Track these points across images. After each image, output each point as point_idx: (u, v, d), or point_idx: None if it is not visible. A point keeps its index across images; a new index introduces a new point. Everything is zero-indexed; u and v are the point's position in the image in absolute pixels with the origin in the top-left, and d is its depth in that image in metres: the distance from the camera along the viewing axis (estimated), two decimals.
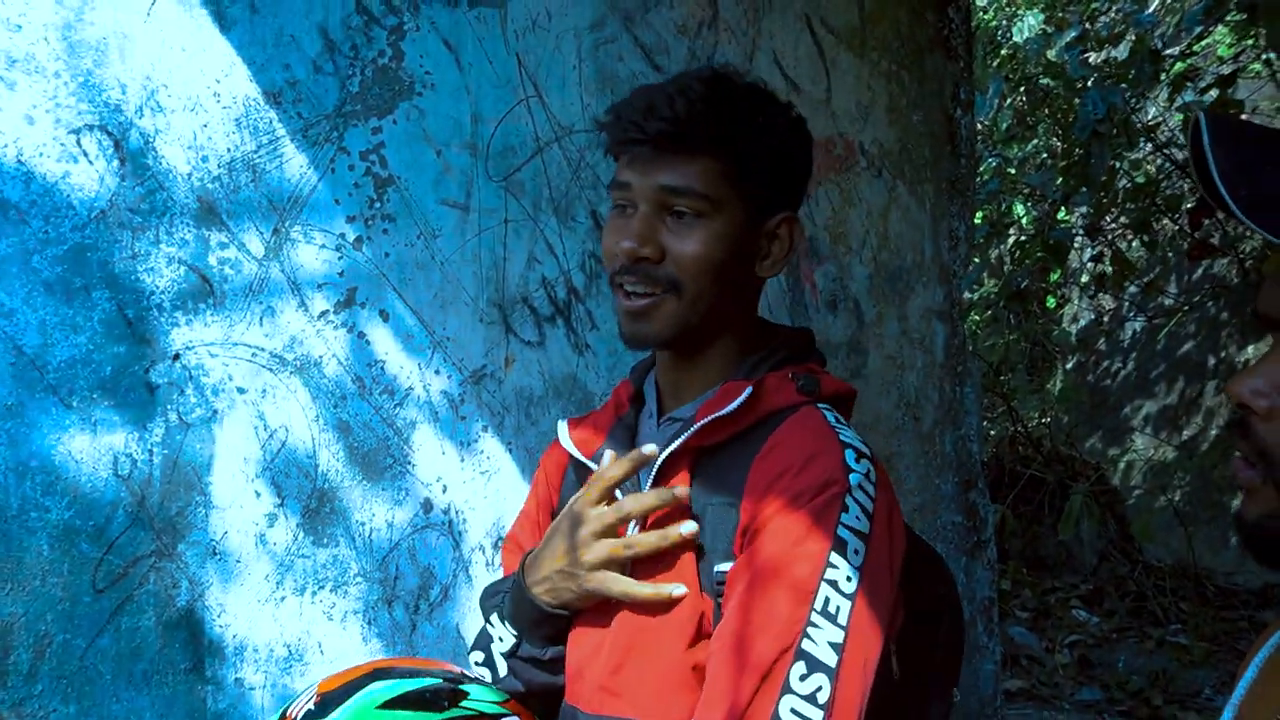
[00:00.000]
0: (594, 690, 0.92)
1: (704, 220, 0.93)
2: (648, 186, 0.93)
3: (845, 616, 0.80)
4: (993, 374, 5.31)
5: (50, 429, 1.16)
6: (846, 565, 0.82)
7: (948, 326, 2.33)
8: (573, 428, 1.07)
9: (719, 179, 0.93)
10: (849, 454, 0.88)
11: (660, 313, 0.94)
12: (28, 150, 1.14)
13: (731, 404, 0.91)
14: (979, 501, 2.38)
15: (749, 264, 0.98)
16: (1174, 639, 4.36)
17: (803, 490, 0.84)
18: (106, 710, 1.18)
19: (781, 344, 1.01)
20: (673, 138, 0.91)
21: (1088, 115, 3.16)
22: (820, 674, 0.79)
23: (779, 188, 0.99)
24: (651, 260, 0.93)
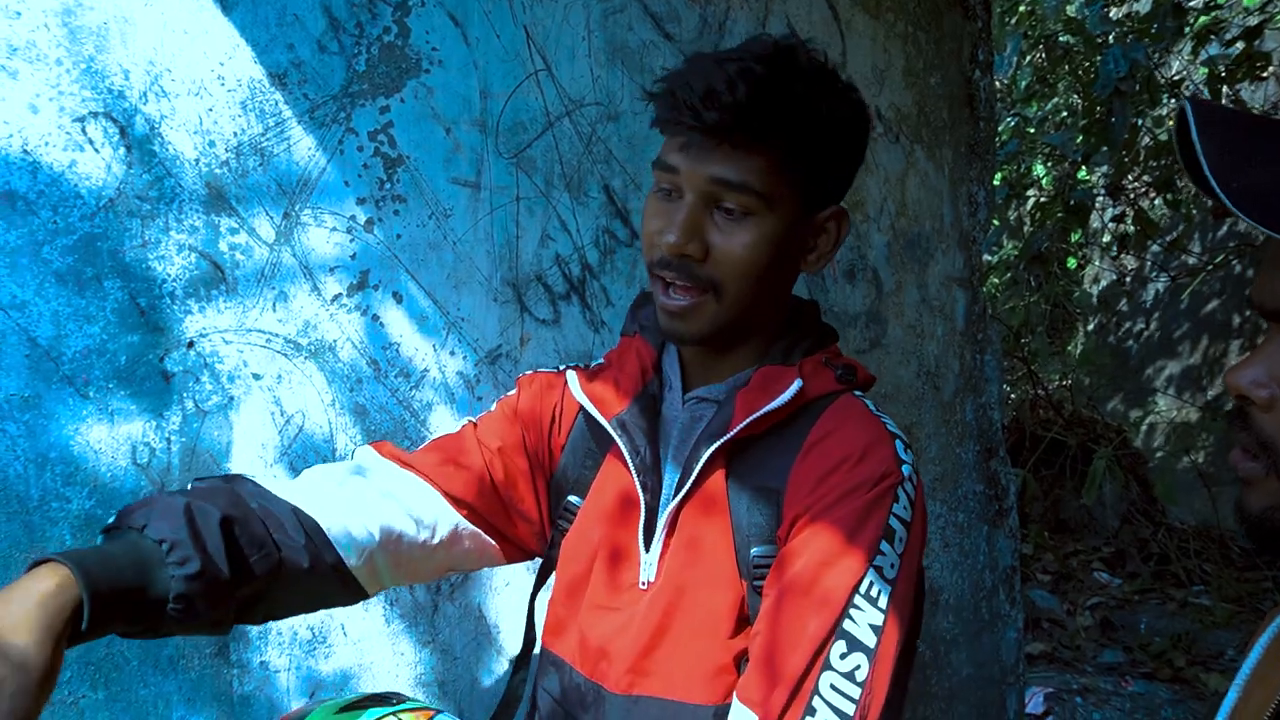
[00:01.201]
0: (622, 671, 0.92)
1: (753, 219, 0.87)
2: (698, 176, 0.87)
3: (885, 600, 0.82)
4: (1013, 337, 5.26)
5: (68, 420, 1.16)
6: (891, 552, 0.83)
7: (968, 293, 2.29)
8: (585, 381, 1.01)
9: (775, 174, 0.87)
10: (899, 445, 0.88)
11: (699, 314, 0.90)
12: (33, 140, 1.13)
13: (780, 399, 0.89)
14: (1000, 470, 2.36)
15: (794, 260, 0.94)
16: (1197, 601, 4.35)
17: (861, 481, 0.85)
18: (134, 695, 1.20)
19: (809, 326, 0.99)
20: (732, 128, 0.84)
21: (1109, 72, 3.08)
22: (860, 653, 0.80)
23: (834, 179, 0.93)
24: (694, 259, 0.88)
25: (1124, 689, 3.68)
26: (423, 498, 0.97)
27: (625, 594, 0.94)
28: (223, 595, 0.79)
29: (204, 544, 0.78)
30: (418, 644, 1.41)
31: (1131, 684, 3.70)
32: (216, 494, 0.83)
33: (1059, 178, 5.18)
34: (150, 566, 0.75)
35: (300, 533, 0.87)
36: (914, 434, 2.13)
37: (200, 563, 0.76)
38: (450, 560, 1.02)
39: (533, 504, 1.05)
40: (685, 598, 0.90)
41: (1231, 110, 0.68)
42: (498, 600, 1.49)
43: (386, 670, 1.39)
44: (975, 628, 2.28)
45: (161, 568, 0.75)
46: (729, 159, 0.85)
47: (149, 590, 0.74)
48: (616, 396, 0.99)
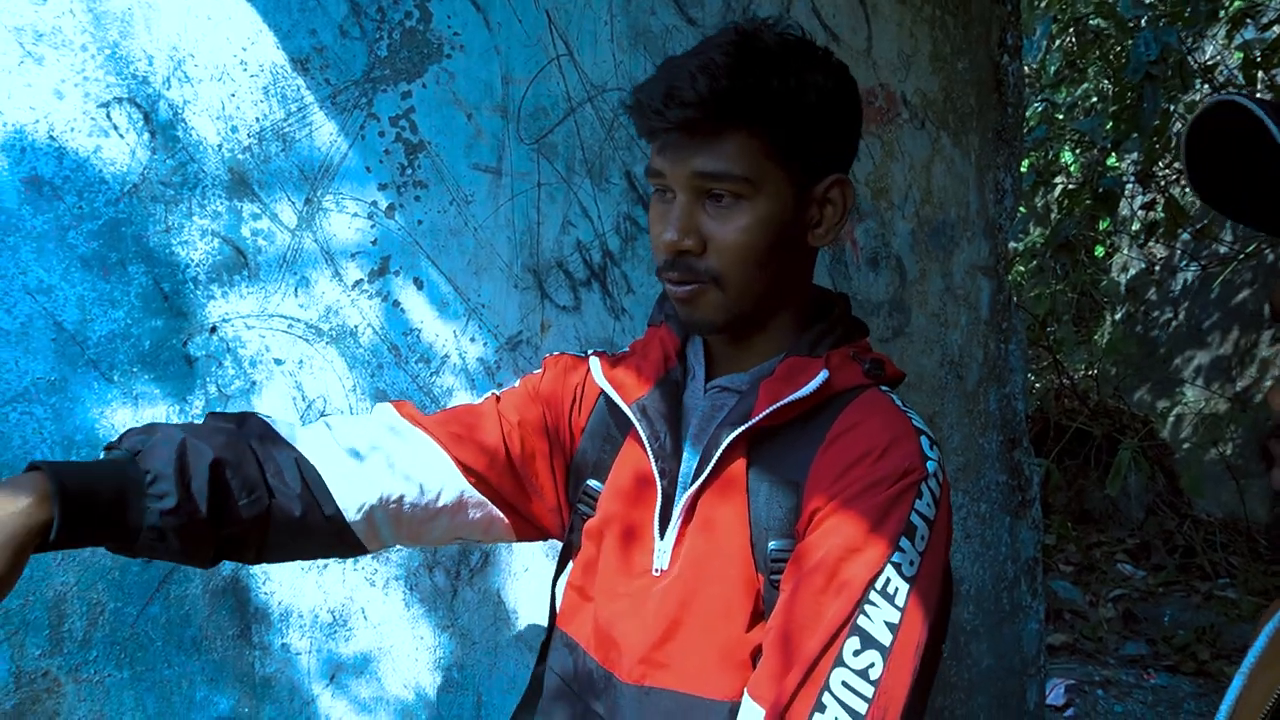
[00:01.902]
0: (634, 661, 0.91)
1: (744, 202, 0.87)
2: (681, 174, 0.88)
3: (903, 598, 0.80)
4: (1038, 326, 5.20)
5: (93, 403, 1.17)
6: (912, 550, 0.82)
7: (993, 282, 2.26)
8: (609, 370, 1.01)
9: (757, 156, 0.87)
10: (924, 441, 0.87)
11: (706, 302, 0.90)
12: (59, 125, 1.14)
13: (806, 389, 0.88)
14: (1024, 460, 2.34)
15: (800, 237, 0.92)
16: (1222, 593, 4.30)
17: (884, 476, 0.83)
18: (159, 675, 1.21)
19: (838, 319, 0.98)
20: (699, 121, 0.85)
21: (1140, 57, 3.02)
22: (874, 651, 0.79)
23: (825, 150, 0.92)
24: (693, 252, 0.89)
25: (1146, 682, 3.65)
26: (431, 461, 0.98)
27: (638, 580, 0.94)
28: (200, 533, 0.83)
29: (188, 482, 0.81)
30: (437, 628, 1.42)
31: (1154, 677, 3.67)
32: (218, 434, 0.86)
33: (1087, 164, 5.10)
34: (131, 493, 0.79)
35: (298, 481, 0.90)
36: (936, 424, 2.12)
37: (178, 499, 0.80)
38: (455, 527, 1.02)
39: (549, 483, 1.05)
40: (700, 589, 0.89)
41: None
42: (517, 585, 1.50)
43: (406, 654, 1.40)
44: (996, 618, 2.26)
45: (141, 497, 0.79)
46: (705, 150, 0.86)
47: (125, 515, 0.79)
48: (638, 382, 0.99)
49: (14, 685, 1.12)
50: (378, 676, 1.37)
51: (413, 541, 1.02)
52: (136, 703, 1.19)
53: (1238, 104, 0.65)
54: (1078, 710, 3.41)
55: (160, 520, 0.80)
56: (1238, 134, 0.68)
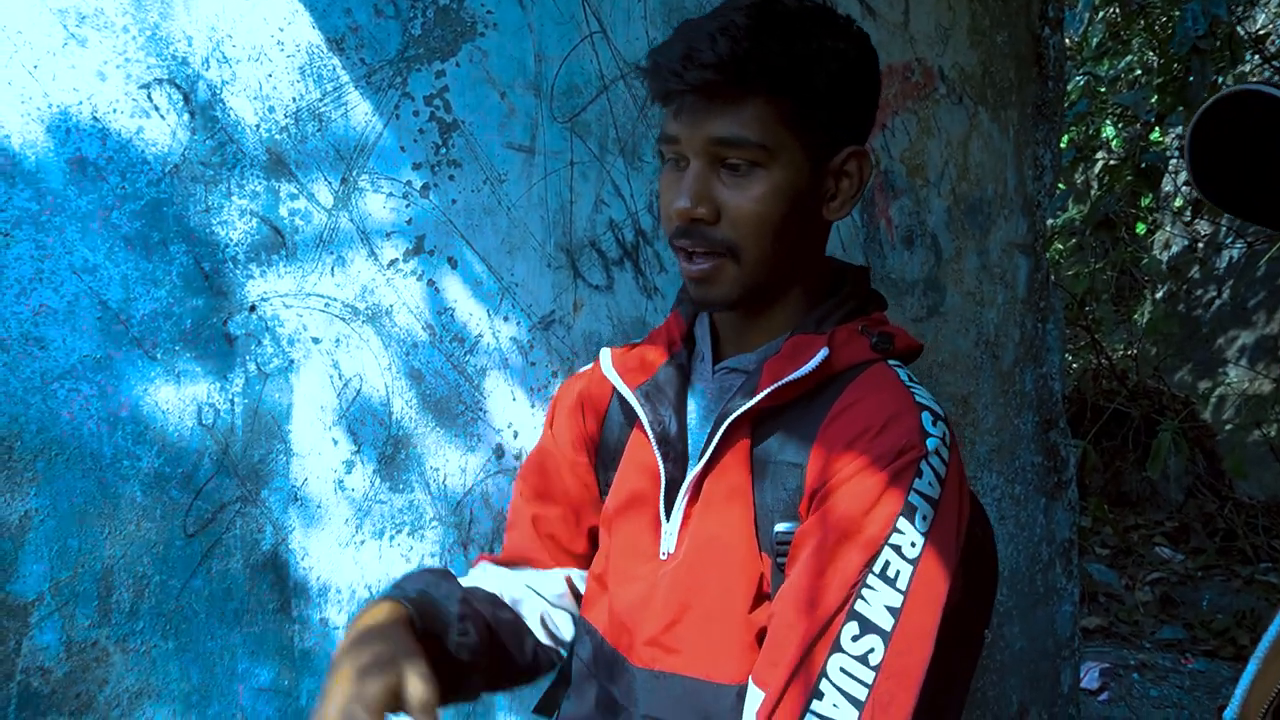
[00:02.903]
0: (642, 644, 0.91)
1: (760, 171, 0.85)
2: (697, 139, 0.85)
3: (905, 581, 0.78)
4: (1076, 305, 5.12)
5: (137, 380, 1.19)
6: (913, 530, 0.79)
7: (1030, 260, 2.23)
8: (617, 358, 1.01)
9: (774, 123, 0.84)
10: (925, 417, 0.83)
11: (722, 277, 0.88)
12: (101, 106, 1.15)
13: (805, 367, 0.86)
14: (1060, 441, 2.31)
15: (815, 209, 0.90)
16: (1263, 578, 4.23)
17: (880, 454, 0.81)
18: (202, 646, 1.24)
19: (850, 293, 0.95)
20: (718, 84, 0.82)
21: (1187, 30, 2.94)
22: (874, 635, 0.77)
23: (843, 121, 0.89)
24: (707, 221, 0.86)
25: (1184, 666, 3.60)
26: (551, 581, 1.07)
27: (646, 564, 0.93)
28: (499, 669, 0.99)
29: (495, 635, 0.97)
30: None
31: (1192, 661, 3.63)
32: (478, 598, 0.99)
33: (1129, 139, 4.99)
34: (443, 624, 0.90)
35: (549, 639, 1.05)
36: (971, 404, 2.09)
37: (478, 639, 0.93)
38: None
39: (596, 505, 1.08)
40: (705, 573, 0.88)
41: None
42: None
43: None
44: (1030, 600, 2.24)
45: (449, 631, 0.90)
46: (722, 115, 0.84)
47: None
48: (642, 367, 0.98)
49: (65, 654, 1.16)
50: None
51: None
52: (181, 673, 1.23)
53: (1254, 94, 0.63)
54: (1113, 694, 3.39)
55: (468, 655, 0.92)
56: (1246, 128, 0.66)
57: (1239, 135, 0.67)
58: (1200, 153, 0.70)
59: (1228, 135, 0.68)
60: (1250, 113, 0.65)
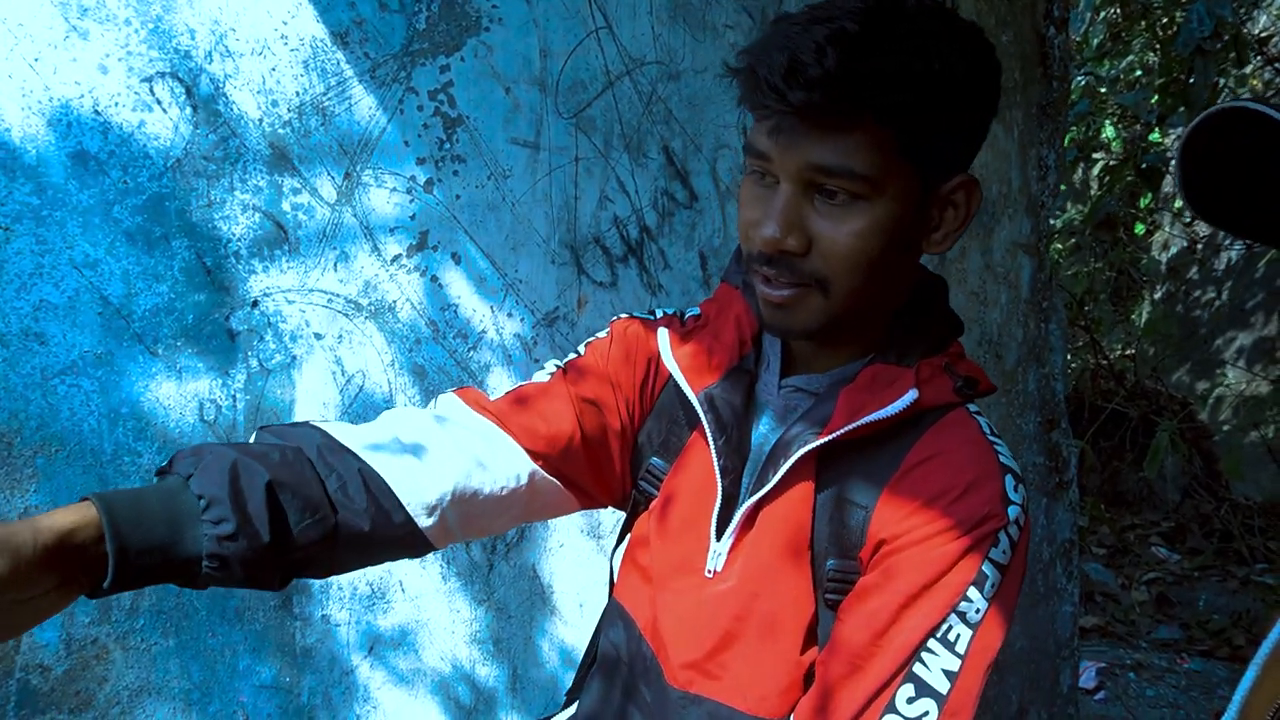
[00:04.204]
0: (681, 665, 0.88)
1: (862, 204, 0.75)
2: (792, 164, 0.75)
3: (965, 645, 0.76)
4: (1075, 305, 5.12)
5: (138, 376, 1.18)
6: (980, 597, 0.76)
7: (1034, 260, 2.23)
8: (677, 345, 0.91)
9: (885, 151, 0.74)
10: (1009, 481, 0.78)
11: (804, 307, 0.80)
12: (103, 100, 1.14)
13: (891, 408, 0.79)
14: (1061, 441, 2.31)
15: (916, 241, 0.81)
16: (1260, 578, 4.24)
17: (960, 520, 0.76)
18: (203, 644, 1.24)
19: (935, 321, 0.87)
20: (824, 107, 0.72)
21: (1191, 31, 2.94)
22: (929, 699, 0.75)
23: (958, 147, 0.79)
24: (796, 253, 0.77)
25: (1180, 666, 3.61)
26: (501, 450, 0.91)
27: (690, 577, 0.89)
28: (264, 559, 0.75)
29: (244, 505, 0.73)
30: (473, 602, 1.44)
31: (1188, 661, 3.63)
32: (272, 452, 0.78)
33: (1129, 140, 4.99)
34: (185, 522, 0.71)
35: (363, 494, 0.82)
36: None
37: (236, 524, 0.72)
38: (525, 513, 0.97)
39: (617, 457, 0.98)
40: (757, 602, 0.84)
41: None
42: (552, 560, 1.50)
43: (443, 627, 1.41)
44: (1030, 600, 2.24)
45: (196, 524, 0.71)
46: (826, 141, 0.73)
47: (180, 547, 0.71)
48: (709, 367, 0.89)
49: (65, 652, 1.15)
50: (415, 649, 1.39)
51: (482, 534, 0.97)
52: (182, 670, 1.22)
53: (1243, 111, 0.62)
54: (1109, 693, 3.39)
55: (219, 547, 0.71)
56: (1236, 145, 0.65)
57: (1229, 152, 0.67)
58: (1190, 169, 0.69)
59: (1218, 151, 0.67)
60: (1240, 129, 0.64)
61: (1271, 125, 0.62)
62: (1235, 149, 0.66)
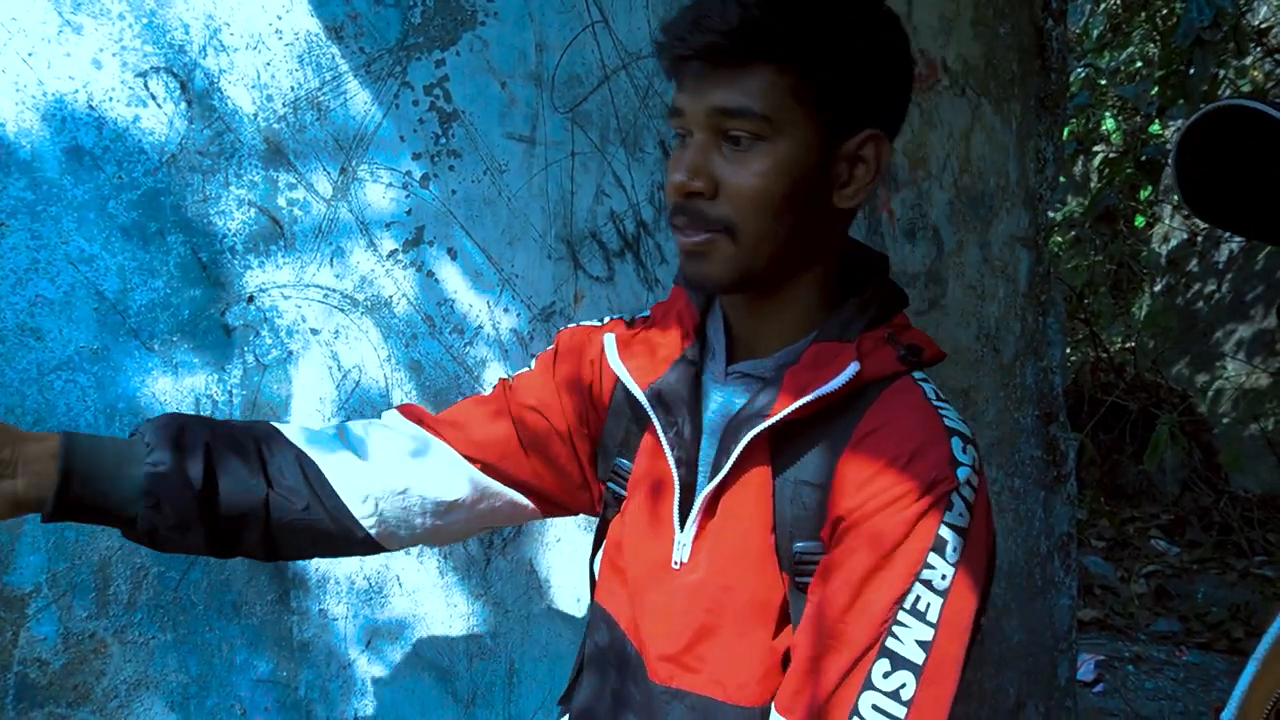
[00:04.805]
0: (659, 659, 0.88)
1: (763, 145, 0.79)
2: (700, 110, 0.80)
3: (936, 614, 0.76)
4: (1075, 298, 5.11)
5: (134, 372, 1.18)
6: (943, 563, 0.77)
7: (1032, 253, 2.22)
8: (624, 345, 0.94)
9: (782, 94, 0.78)
10: (956, 443, 0.79)
11: (716, 255, 0.82)
12: (97, 95, 1.14)
13: (833, 383, 0.81)
14: (1060, 435, 2.31)
15: (824, 195, 0.83)
16: (1259, 571, 4.25)
17: (910, 487, 0.77)
18: (200, 638, 1.24)
19: (875, 293, 0.89)
20: (724, 50, 0.78)
21: (1191, 21, 2.93)
22: (906, 671, 0.75)
23: (863, 102, 0.83)
24: (704, 195, 0.81)
25: (1178, 659, 3.62)
26: (438, 457, 0.97)
27: (660, 572, 0.90)
28: (192, 509, 0.85)
29: (183, 454, 0.84)
30: (470, 597, 1.44)
31: (1186, 654, 3.64)
32: (222, 425, 0.90)
33: (1129, 132, 4.98)
34: (130, 462, 0.83)
35: (299, 477, 0.91)
36: (972, 397, 2.09)
37: (171, 466, 0.83)
38: (477, 518, 1.00)
39: (571, 462, 1.01)
40: (728, 592, 0.85)
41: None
42: (549, 555, 1.51)
43: (440, 621, 1.41)
44: (1028, 594, 2.25)
45: (138, 464, 0.83)
46: (727, 84, 0.79)
47: (121, 482, 0.82)
48: (653, 363, 0.92)
49: (62, 646, 1.15)
50: (412, 643, 1.39)
51: (435, 538, 1.01)
52: (180, 664, 1.22)
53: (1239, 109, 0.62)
54: (1107, 686, 3.40)
55: (154, 484, 0.82)
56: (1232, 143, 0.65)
57: (1225, 149, 0.67)
58: (1187, 165, 0.69)
59: (1214, 148, 0.67)
60: (1235, 127, 0.64)
61: (1268, 123, 0.62)
62: (1232, 146, 0.66)
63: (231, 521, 0.88)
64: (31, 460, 0.80)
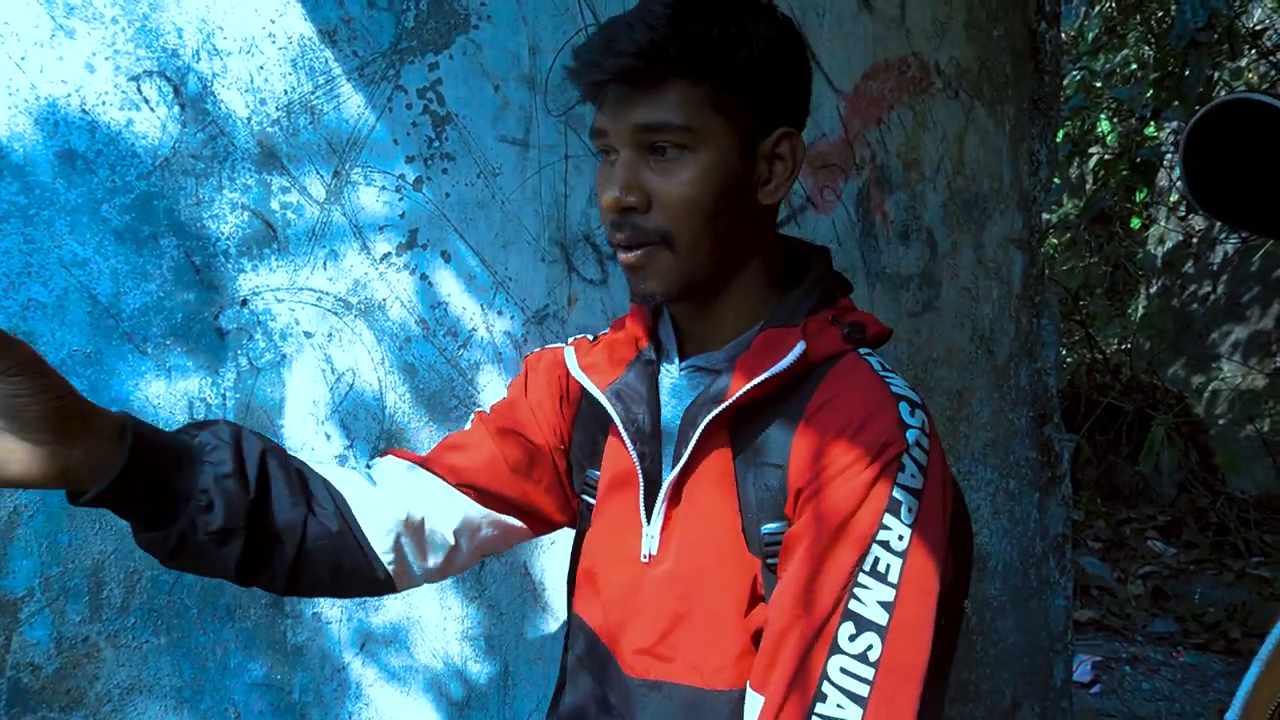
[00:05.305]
0: (633, 653, 0.90)
1: (688, 154, 0.84)
2: (623, 128, 0.84)
3: (896, 574, 0.78)
4: (1070, 299, 5.12)
5: (128, 375, 1.18)
6: (899, 524, 0.78)
7: (1026, 255, 2.23)
8: (582, 354, 0.99)
9: (699, 106, 0.83)
10: (903, 408, 0.82)
11: (656, 267, 0.86)
12: (90, 99, 1.14)
13: (781, 364, 0.84)
14: (1054, 436, 2.31)
15: (750, 194, 0.88)
16: (1255, 572, 4.25)
17: (861, 452, 0.80)
18: (194, 641, 1.24)
19: (816, 280, 0.93)
20: (639, 71, 0.82)
21: (1185, 23, 2.93)
22: (871, 632, 0.77)
23: (771, 104, 0.88)
24: (638, 209, 0.85)
25: (1175, 659, 3.62)
26: (434, 493, 0.99)
27: (630, 567, 0.92)
28: (242, 517, 0.82)
29: (242, 460, 0.83)
30: (465, 599, 1.44)
31: (1183, 655, 3.65)
32: (268, 441, 0.89)
33: (1125, 134, 4.99)
34: (189, 458, 0.80)
35: (332, 505, 0.90)
36: (965, 399, 2.09)
37: (231, 468, 0.81)
38: (478, 548, 1.03)
39: (554, 481, 1.04)
40: (697, 579, 0.87)
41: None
42: (544, 558, 1.51)
43: (434, 625, 1.42)
44: (1024, 594, 2.25)
45: (200, 462, 0.80)
46: (645, 102, 0.83)
47: (181, 477, 0.79)
48: (610, 365, 0.96)
49: (55, 650, 1.15)
50: (407, 646, 1.39)
51: (441, 574, 1.03)
52: (173, 668, 1.22)
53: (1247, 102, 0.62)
54: (1104, 687, 3.40)
55: (216, 485, 0.80)
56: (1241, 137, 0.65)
57: (1233, 144, 0.66)
58: (1194, 161, 0.69)
59: (1222, 144, 0.67)
60: (1242, 123, 0.64)
61: (1276, 117, 0.62)
62: (1239, 142, 0.66)
63: (272, 537, 0.86)
64: (93, 436, 0.74)
